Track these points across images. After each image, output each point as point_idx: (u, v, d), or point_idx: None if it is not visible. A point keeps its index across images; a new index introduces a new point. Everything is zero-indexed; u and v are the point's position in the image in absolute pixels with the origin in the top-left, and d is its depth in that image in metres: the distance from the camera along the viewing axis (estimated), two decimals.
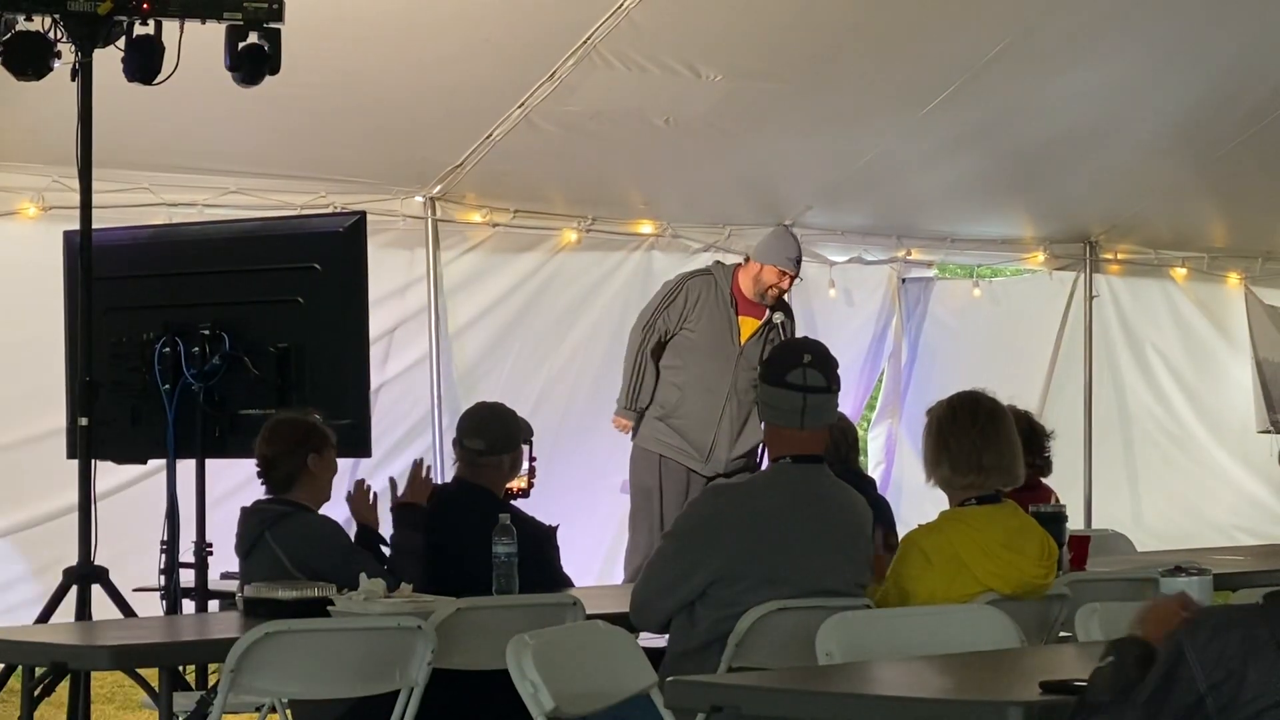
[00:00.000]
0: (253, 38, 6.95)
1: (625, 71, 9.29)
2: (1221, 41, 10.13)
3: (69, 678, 6.03)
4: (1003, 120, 10.55)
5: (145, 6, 6.76)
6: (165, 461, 6.82)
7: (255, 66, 6.99)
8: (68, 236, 7.15)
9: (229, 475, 7.86)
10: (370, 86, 9.07)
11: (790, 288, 9.45)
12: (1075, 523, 8.89)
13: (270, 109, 8.63)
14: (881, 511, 6.88)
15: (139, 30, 6.87)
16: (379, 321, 9.06)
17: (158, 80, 6.94)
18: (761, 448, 9.06)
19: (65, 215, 8.17)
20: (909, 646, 4.72)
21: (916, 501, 10.27)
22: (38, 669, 5.61)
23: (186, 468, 6.85)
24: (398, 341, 10.26)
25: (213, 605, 6.71)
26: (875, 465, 12.42)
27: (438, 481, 8.22)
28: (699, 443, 9.23)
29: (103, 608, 6.60)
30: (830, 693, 4.09)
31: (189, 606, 6.80)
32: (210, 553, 6.81)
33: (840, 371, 5.51)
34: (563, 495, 9.16)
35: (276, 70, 7.01)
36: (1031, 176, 11.49)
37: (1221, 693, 3.01)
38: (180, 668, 6.33)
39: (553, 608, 5.48)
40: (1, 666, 6.17)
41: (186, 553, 6.83)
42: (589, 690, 4.56)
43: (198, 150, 9.24)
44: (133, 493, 8.68)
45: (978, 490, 5.49)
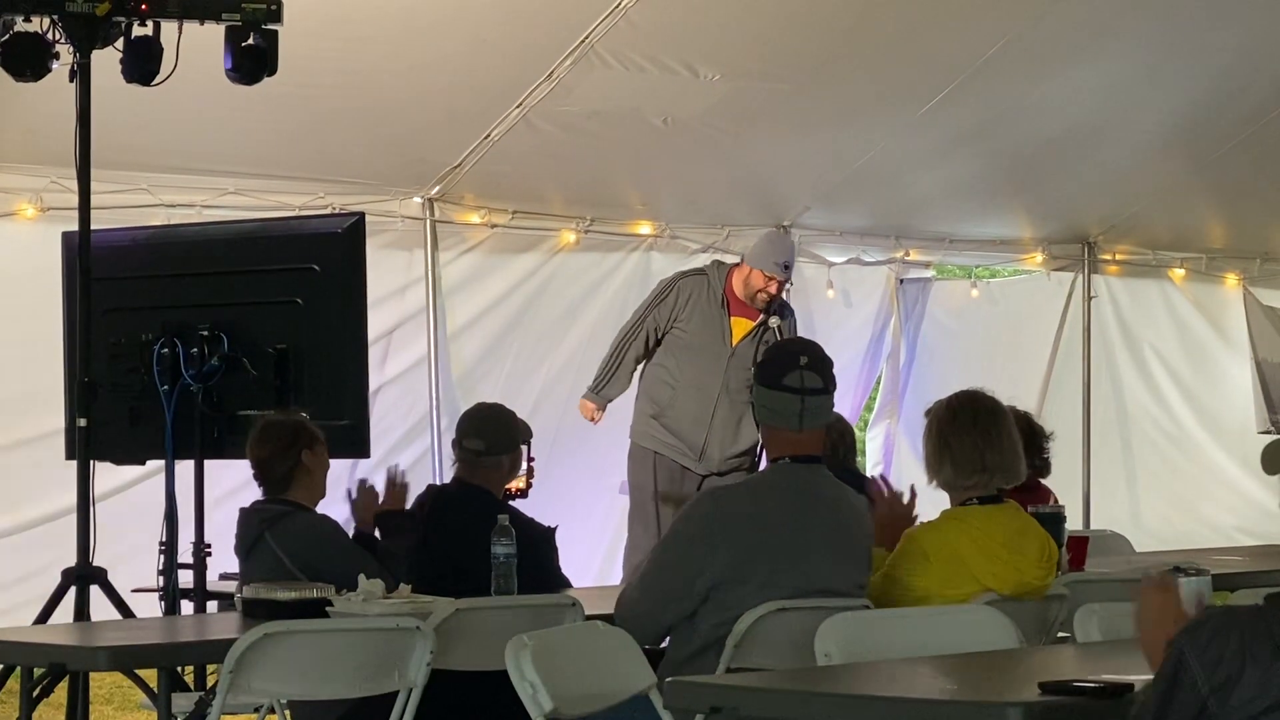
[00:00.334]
0: (251, 39, 6.96)
1: (623, 72, 9.29)
2: (1220, 41, 10.13)
3: (68, 678, 6.02)
4: (1001, 121, 10.55)
5: (144, 7, 6.76)
6: (164, 462, 6.82)
7: (253, 67, 6.98)
8: (66, 237, 7.15)
9: (228, 476, 7.85)
10: (368, 87, 9.07)
11: (780, 292, 9.36)
12: (1073, 523, 8.91)
13: (269, 110, 8.62)
14: None
15: (137, 31, 6.86)
16: (377, 322, 9.05)
17: (156, 81, 6.93)
18: (759, 448, 9.08)
19: (64, 216, 8.16)
20: (908, 647, 4.72)
21: None
22: (36, 670, 5.60)
23: (185, 469, 6.85)
24: (396, 342, 10.26)
25: (211, 606, 6.71)
26: (874, 466, 12.41)
27: (436, 482, 8.24)
28: (691, 442, 9.22)
29: (101, 608, 6.59)
30: (829, 693, 4.09)
31: (188, 607, 6.80)
32: (209, 553, 6.80)
33: (838, 372, 5.50)
34: (561, 496, 9.16)
35: (274, 71, 7.01)
36: (1030, 177, 11.49)
37: (1222, 696, 3.00)
38: (179, 669, 6.33)
39: (551, 608, 5.48)
40: (0, 667, 6.16)
41: (185, 553, 6.82)
42: (588, 691, 4.56)
43: (196, 151, 9.24)
44: (131, 494, 8.68)
45: (980, 490, 5.49)
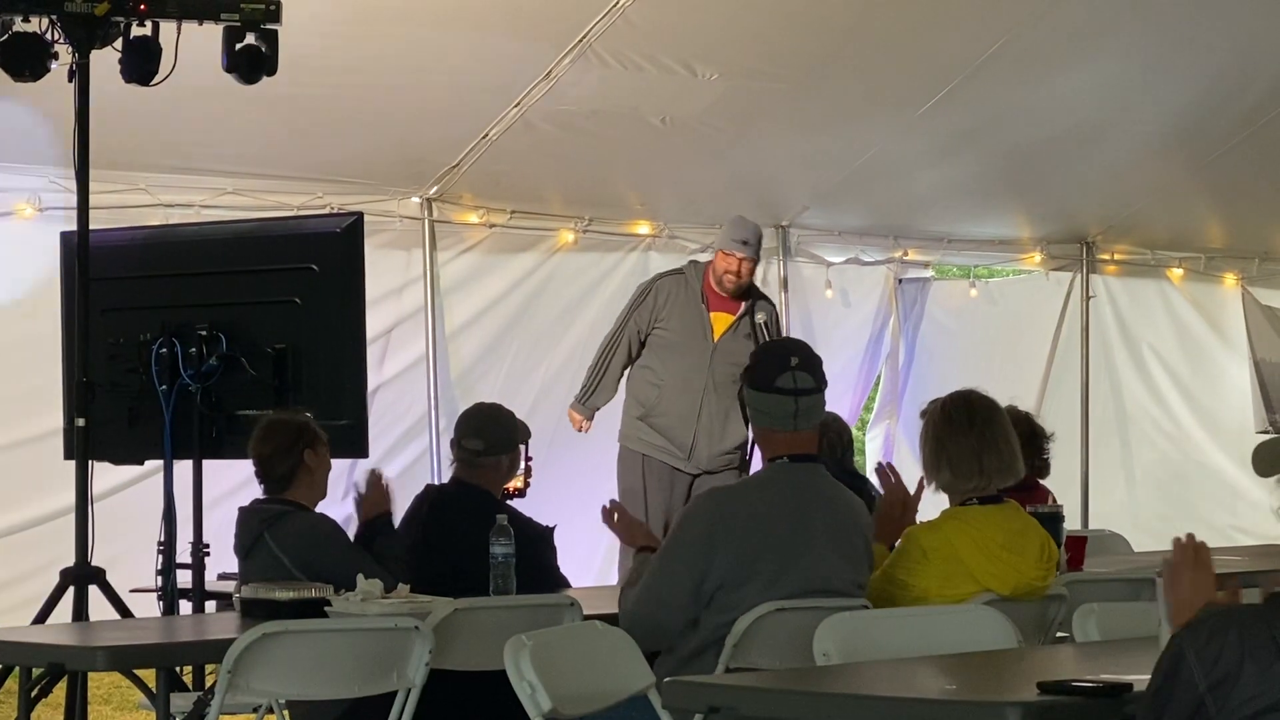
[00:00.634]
0: (250, 39, 6.95)
1: (622, 71, 9.29)
2: (1218, 41, 10.13)
3: (66, 678, 6.03)
4: (999, 121, 10.55)
5: (142, 8, 6.76)
6: (162, 462, 6.82)
7: (252, 68, 6.98)
8: (65, 237, 7.15)
9: (226, 476, 7.85)
10: (367, 87, 9.07)
11: (748, 274, 9.20)
12: (1072, 523, 8.90)
13: (267, 110, 8.63)
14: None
15: (136, 31, 6.86)
16: (376, 322, 9.05)
17: (155, 81, 6.94)
18: (750, 445, 9.06)
19: (62, 216, 8.18)
20: (906, 647, 4.71)
21: None
22: (35, 670, 5.60)
23: (184, 468, 6.85)
24: (395, 342, 10.26)
25: (210, 606, 6.71)
26: (874, 467, 12.40)
27: (434, 482, 8.24)
28: (680, 440, 9.21)
29: (100, 608, 6.59)
30: (827, 693, 4.08)
31: (186, 607, 6.80)
32: (207, 553, 6.81)
33: (837, 373, 5.50)
34: (559, 496, 9.15)
35: (274, 71, 7.01)
36: (1028, 177, 11.49)
37: (1220, 693, 3.00)
38: (177, 669, 6.33)
39: (550, 608, 5.47)
40: None
41: (184, 553, 6.82)
42: (587, 691, 4.55)
43: (195, 151, 9.24)
44: (130, 493, 8.67)
45: (980, 491, 5.48)
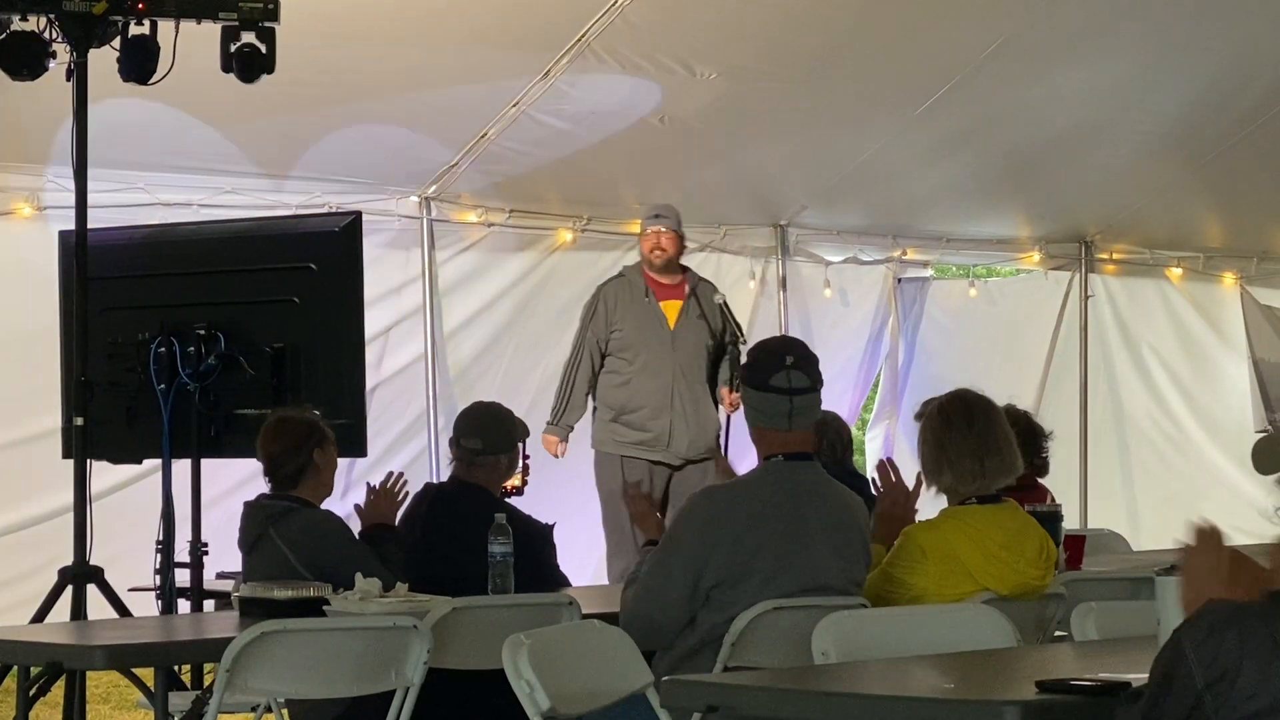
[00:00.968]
0: (248, 37, 6.95)
1: (620, 70, 9.29)
2: (1216, 41, 10.13)
3: (64, 677, 6.03)
4: (998, 120, 10.55)
5: (140, 6, 6.76)
6: (160, 461, 6.82)
7: (251, 67, 6.98)
8: (63, 236, 7.14)
9: (224, 475, 7.86)
10: (365, 86, 9.07)
11: (668, 244, 9.33)
12: (1071, 522, 8.91)
13: (265, 109, 8.62)
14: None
15: (134, 30, 6.87)
16: (374, 321, 9.05)
17: (153, 80, 6.94)
18: (727, 430, 9.31)
19: (60, 215, 8.17)
20: (905, 646, 4.71)
21: None
22: (33, 669, 5.60)
23: (182, 468, 6.85)
24: (393, 341, 10.26)
25: (208, 605, 6.71)
26: (874, 467, 12.39)
27: (433, 481, 8.23)
28: (657, 431, 9.30)
29: (98, 607, 6.59)
30: (826, 692, 4.08)
31: (184, 606, 6.80)
32: (205, 552, 6.81)
33: (837, 372, 5.49)
34: (557, 495, 9.15)
35: (272, 70, 7.01)
36: (1027, 176, 11.49)
37: (1218, 692, 2.99)
38: (176, 667, 6.33)
39: (548, 607, 5.47)
40: None
41: (182, 552, 6.83)
42: (585, 690, 4.55)
43: (193, 150, 9.24)
44: (128, 493, 8.67)
45: (981, 491, 5.48)
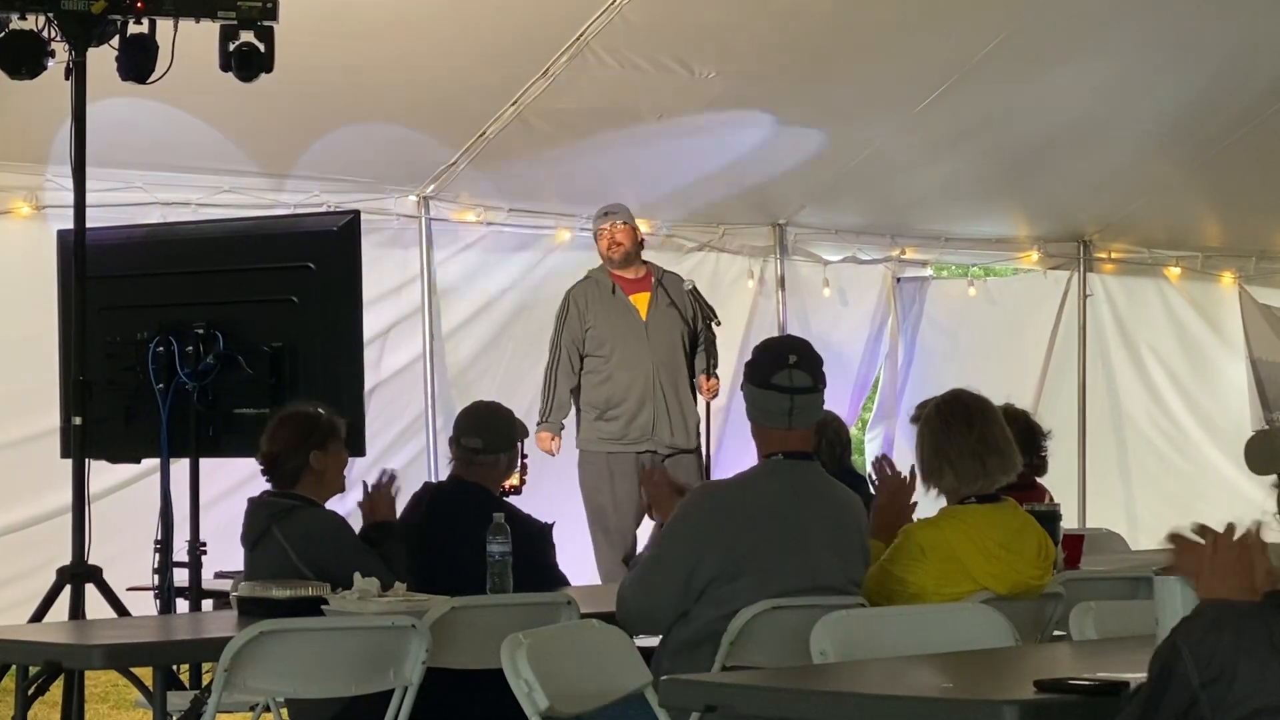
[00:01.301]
0: (247, 36, 6.95)
1: (619, 69, 9.29)
2: (1215, 39, 10.13)
3: (63, 677, 6.03)
4: (996, 119, 10.55)
5: (139, 5, 6.76)
6: (159, 461, 6.81)
7: (249, 65, 6.98)
8: (62, 235, 7.14)
9: (223, 474, 7.86)
10: (364, 85, 9.06)
11: (623, 236, 9.52)
12: (1069, 522, 8.90)
13: (264, 108, 8.62)
14: None
15: (133, 29, 6.86)
16: (373, 321, 9.04)
17: (152, 79, 6.93)
18: (706, 424, 9.42)
19: (59, 214, 8.17)
20: (904, 645, 4.71)
21: None
22: (32, 668, 5.60)
23: (181, 467, 6.84)
24: (392, 341, 10.25)
25: (206, 604, 6.71)
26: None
27: (432, 480, 8.23)
28: (642, 422, 9.37)
29: (97, 607, 6.59)
30: (825, 691, 4.08)
31: (183, 606, 6.79)
32: (204, 552, 6.80)
33: (835, 371, 5.48)
34: (556, 494, 9.15)
35: (270, 69, 7.01)
36: (1025, 175, 11.49)
37: (1214, 692, 2.99)
38: (174, 667, 6.33)
39: (547, 606, 5.47)
40: None
41: (180, 552, 6.82)
42: (584, 689, 4.55)
43: (191, 149, 9.24)
44: (127, 492, 8.67)
45: (983, 490, 5.48)
